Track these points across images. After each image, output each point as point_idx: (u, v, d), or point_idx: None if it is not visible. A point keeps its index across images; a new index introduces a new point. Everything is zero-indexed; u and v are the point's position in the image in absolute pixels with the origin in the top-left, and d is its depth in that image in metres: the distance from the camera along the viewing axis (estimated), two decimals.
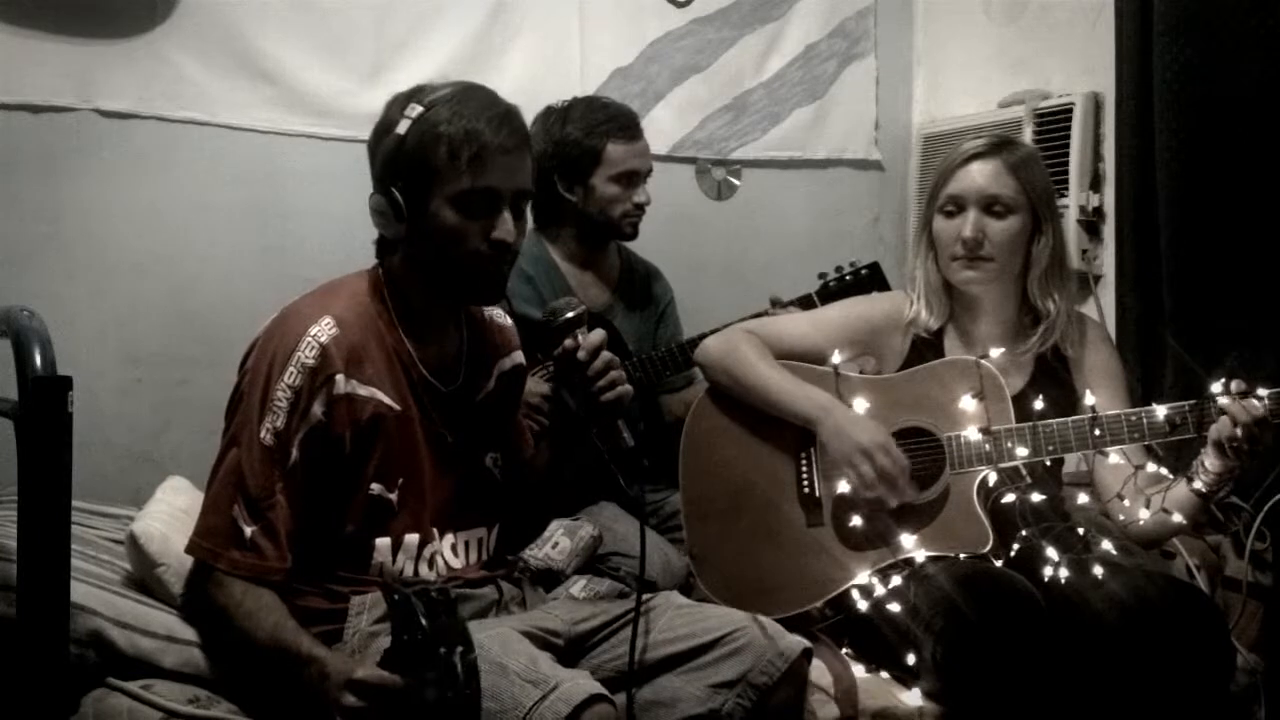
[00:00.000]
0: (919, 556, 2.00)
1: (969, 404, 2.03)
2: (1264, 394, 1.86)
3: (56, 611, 1.35)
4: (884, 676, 2.00)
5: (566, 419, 1.83)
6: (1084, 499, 2.11)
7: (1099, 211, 2.81)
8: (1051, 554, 1.96)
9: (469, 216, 1.69)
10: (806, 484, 2.12)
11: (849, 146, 3.37)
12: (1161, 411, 1.93)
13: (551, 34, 3.00)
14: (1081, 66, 2.86)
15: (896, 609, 1.94)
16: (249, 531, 1.64)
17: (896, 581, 1.99)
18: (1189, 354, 2.35)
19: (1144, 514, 1.99)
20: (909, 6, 3.44)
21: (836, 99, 3.33)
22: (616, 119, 2.58)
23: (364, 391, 1.70)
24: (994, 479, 2.02)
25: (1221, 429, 1.85)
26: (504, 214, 1.70)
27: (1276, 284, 2.33)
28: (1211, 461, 1.89)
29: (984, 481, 2.02)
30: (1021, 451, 1.99)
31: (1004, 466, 2.01)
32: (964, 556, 1.98)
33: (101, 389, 2.59)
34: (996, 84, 3.09)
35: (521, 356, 1.97)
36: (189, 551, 1.68)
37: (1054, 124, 2.85)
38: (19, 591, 1.35)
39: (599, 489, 2.40)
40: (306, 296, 1.77)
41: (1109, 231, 2.79)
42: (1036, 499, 2.01)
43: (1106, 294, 2.78)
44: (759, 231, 3.29)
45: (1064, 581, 1.92)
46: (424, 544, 1.76)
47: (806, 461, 2.13)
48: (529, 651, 1.60)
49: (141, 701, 1.63)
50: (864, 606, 2.01)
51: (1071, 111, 2.81)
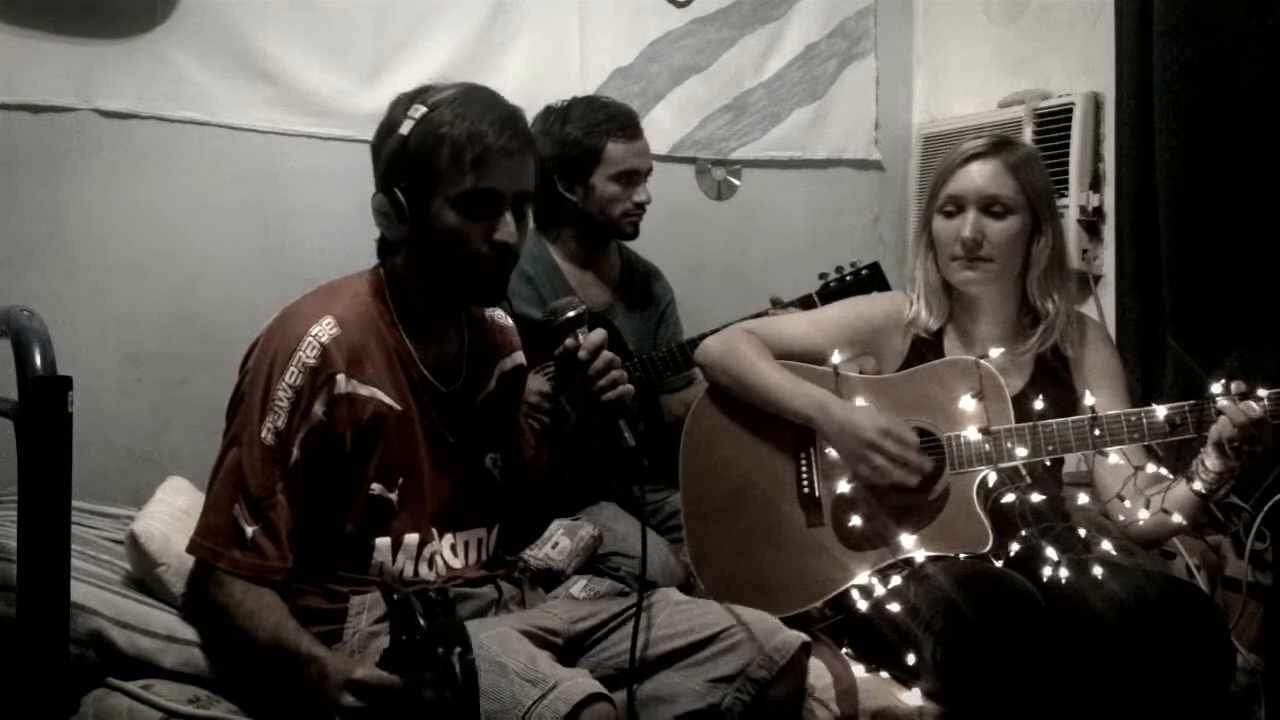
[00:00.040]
0: (919, 556, 2.00)
1: (969, 404, 2.03)
2: (1264, 394, 1.86)
3: (56, 611, 1.35)
4: (884, 676, 2.00)
5: (566, 423, 1.84)
6: (1084, 499, 2.11)
7: (1099, 211, 2.81)
8: (1051, 554, 1.96)
9: (471, 218, 1.69)
10: (806, 484, 2.12)
11: (849, 146, 3.37)
12: (1161, 411, 1.93)
13: (551, 34, 3.00)
14: (1081, 66, 2.86)
15: (896, 609, 1.94)
16: (250, 531, 1.64)
17: (896, 581, 1.99)
18: (1189, 354, 2.35)
19: (1144, 514, 1.99)
20: (909, 6, 3.44)
21: (836, 99, 3.33)
22: (616, 118, 2.58)
23: (365, 391, 1.70)
24: (994, 479, 2.02)
25: (1221, 429, 1.85)
26: (505, 215, 1.70)
27: (1276, 284, 2.33)
28: (1211, 461, 1.89)
29: (984, 481, 2.02)
30: (1021, 451, 1.99)
31: (1004, 466, 2.01)
32: (964, 556, 1.98)
33: (101, 389, 2.59)
34: (996, 84, 3.09)
35: (522, 357, 1.97)
36: (190, 551, 1.68)
37: (1054, 124, 2.85)
38: (19, 591, 1.35)
39: (599, 489, 2.40)
40: (307, 296, 1.77)
41: (1109, 231, 2.78)
42: (1036, 499, 2.01)
43: (1106, 294, 2.78)
44: (759, 231, 3.29)
45: (1064, 581, 1.92)
46: (424, 544, 1.77)
47: (806, 461, 2.13)
48: (528, 650, 1.60)
49: (141, 701, 1.63)
50: (864, 606, 2.01)
51: (1071, 111, 2.81)
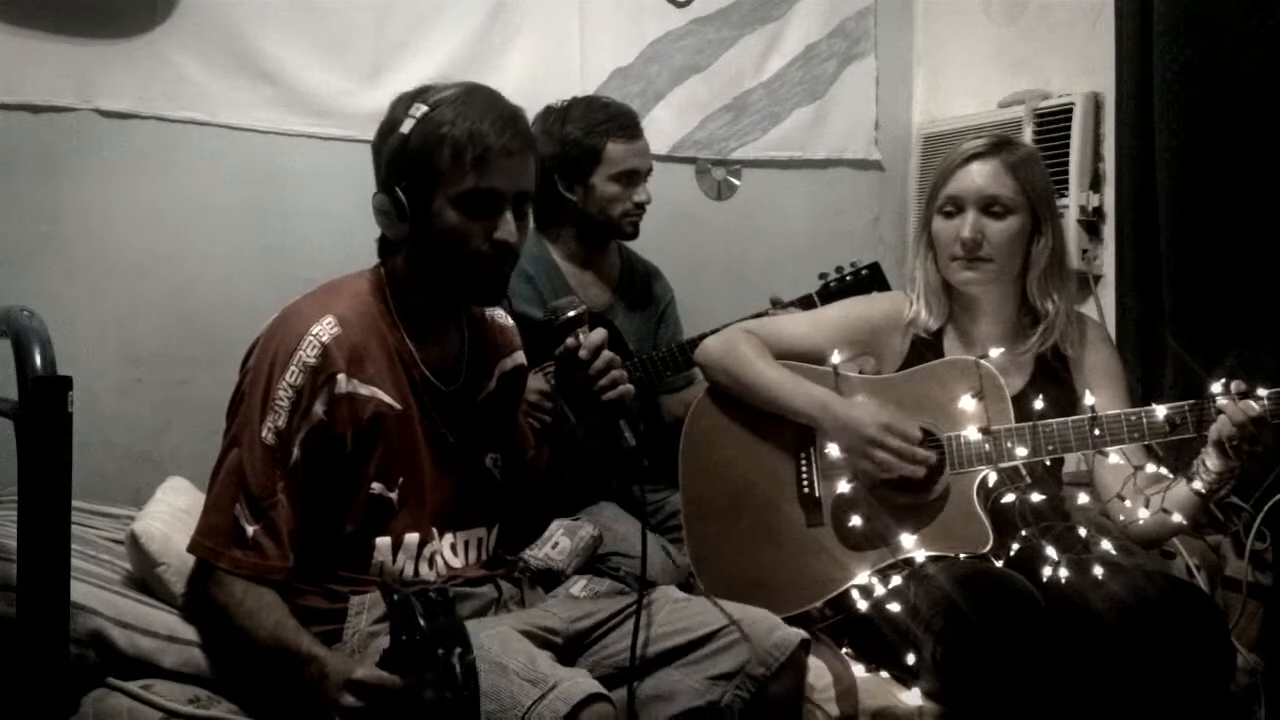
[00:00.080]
0: (919, 556, 2.00)
1: (969, 404, 2.03)
2: (1264, 394, 1.86)
3: (56, 611, 1.35)
4: (884, 676, 2.00)
5: (566, 424, 1.83)
6: (1084, 499, 2.11)
7: (1099, 211, 2.81)
8: (1051, 554, 1.96)
9: (471, 217, 1.69)
10: (806, 484, 2.12)
11: (849, 146, 3.37)
12: (1161, 411, 1.93)
13: (551, 34, 3.00)
14: (1081, 66, 2.86)
15: (896, 609, 1.94)
16: (251, 530, 1.64)
17: (896, 581, 1.99)
18: (1189, 354, 2.35)
19: (1144, 514, 1.99)
20: (909, 6, 3.44)
21: (836, 99, 3.33)
22: (616, 118, 2.58)
23: (365, 391, 1.70)
24: (994, 479, 2.02)
25: (1221, 428, 1.85)
26: (506, 214, 1.70)
27: (1276, 284, 2.33)
28: (1211, 461, 1.89)
29: (984, 481, 2.02)
30: (1021, 451, 1.99)
31: (1004, 466, 2.01)
32: (964, 556, 1.98)
33: (101, 389, 2.59)
34: (996, 84, 3.09)
35: (523, 357, 1.97)
36: (191, 550, 1.68)
37: (1054, 124, 2.85)
38: (19, 591, 1.35)
39: (599, 489, 2.40)
40: (308, 296, 1.77)
41: (1109, 231, 2.78)
42: (1036, 499, 2.01)
43: (1106, 294, 2.78)
44: (759, 231, 3.28)
45: (1064, 581, 1.92)
46: (424, 543, 1.77)
47: (806, 461, 2.13)
48: (528, 650, 1.60)
49: (141, 701, 1.63)
50: (864, 606, 2.01)
51: (1071, 111, 2.81)
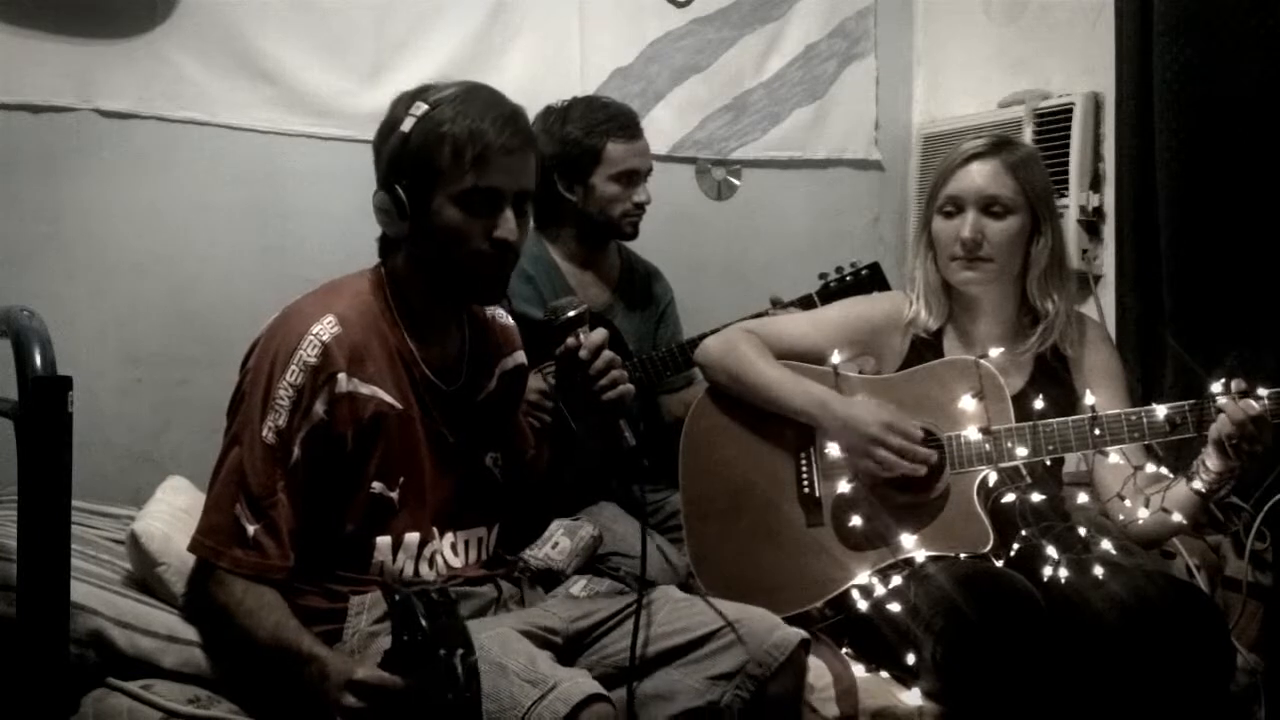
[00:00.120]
0: (919, 556, 2.00)
1: (969, 404, 2.03)
2: (1264, 394, 1.86)
3: (56, 611, 1.35)
4: (884, 676, 2.00)
5: (566, 426, 1.83)
6: (1084, 499, 2.11)
7: (1099, 211, 2.81)
8: (1051, 554, 1.96)
9: (471, 215, 1.69)
10: (806, 484, 2.12)
11: (849, 146, 3.37)
12: (1161, 411, 1.93)
13: (551, 34, 3.00)
14: (1081, 66, 2.86)
15: (896, 609, 1.94)
16: (251, 530, 1.64)
17: (896, 581, 1.99)
18: (1189, 354, 2.35)
19: (1144, 514, 1.99)
20: (909, 6, 3.44)
21: (836, 99, 3.33)
22: (616, 118, 2.58)
23: (366, 390, 1.70)
24: (994, 479, 2.02)
25: (1221, 427, 1.85)
26: (506, 213, 1.70)
27: (1276, 284, 2.33)
28: (1212, 461, 1.89)
29: (984, 481, 2.02)
30: (1021, 451, 1.99)
31: (1004, 466, 2.01)
32: (964, 556, 1.98)
33: (101, 389, 2.59)
34: (996, 84, 3.09)
35: (523, 356, 1.97)
36: (191, 550, 1.68)
37: (1054, 124, 2.85)
38: (19, 591, 1.35)
39: (599, 489, 2.40)
40: (309, 295, 1.77)
41: (1109, 231, 2.78)
42: (1036, 499, 2.01)
43: (1106, 294, 2.78)
44: (759, 231, 3.28)
45: (1064, 581, 1.92)
46: (424, 543, 1.77)
47: (806, 461, 2.13)
48: (528, 651, 1.60)
49: (141, 701, 1.63)
50: (864, 606, 2.01)
51: (1071, 111, 2.81)
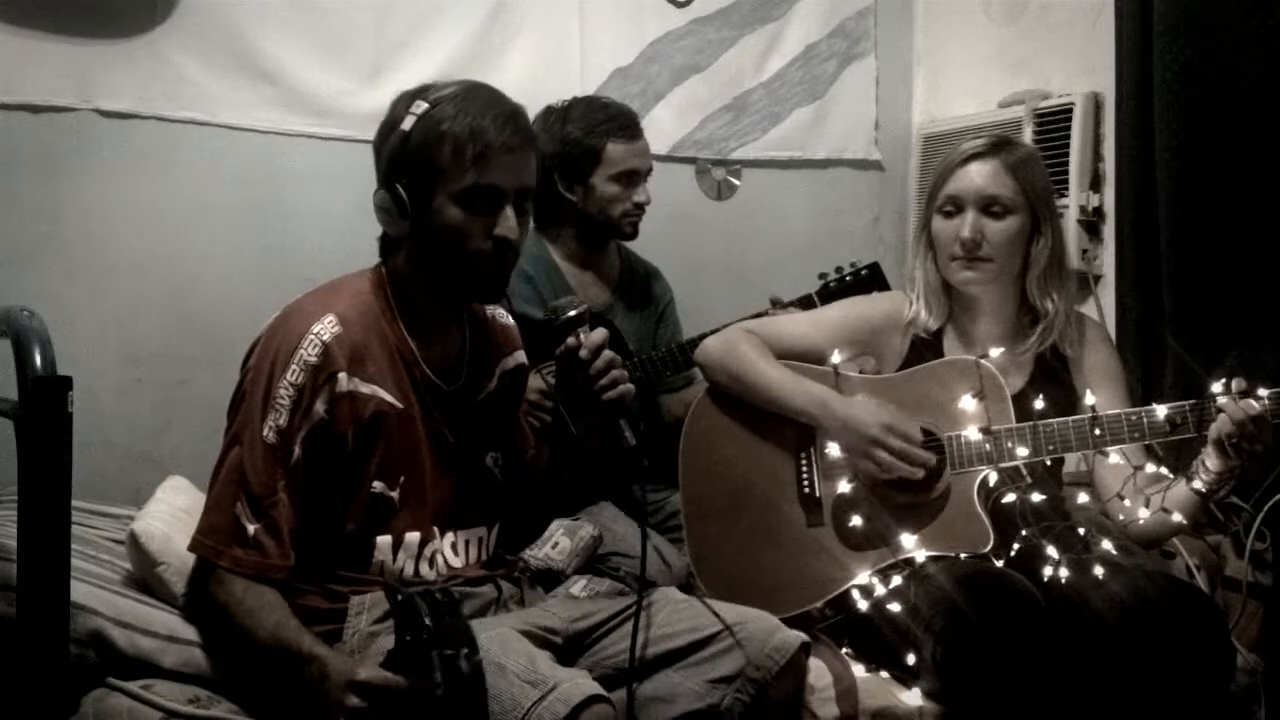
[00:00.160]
0: (919, 556, 2.00)
1: (969, 404, 2.03)
2: (1264, 394, 1.86)
3: (56, 611, 1.35)
4: (884, 676, 2.00)
5: (565, 427, 1.83)
6: (1084, 499, 2.11)
7: (1099, 211, 2.81)
8: (1052, 554, 1.96)
9: (472, 213, 1.69)
10: (806, 484, 2.12)
11: (849, 146, 3.37)
12: (1162, 411, 1.93)
13: (551, 34, 3.00)
14: (1081, 66, 2.86)
15: (897, 609, 1.94)
16: (252, 529, 1.64)
17: (897, 581, 1.99)
18: (1189, 354, 2.35)
19: (1144, 514, 1.99)
20: (909, 6, 3.44)
21: (836, 99, 3.33)
22: (616, 119, 2.58)
23: (366, 389, 1.70)
24: (994, 479, 2.02)
25: (1221, 426, 1.85)
26: (506, 211, 1.70)
27: (1276, 284, 2.33)
28: (1212, 461, 1.89)
29: (984, 481, 2.02)
30: (1022, 451, 1.99)
31: (1004, 466, 2.01)
32: (964, 556, 1.98)
33: (101, 389, 2.59)
34: (996, 84, 3.09)
35: (524, 356, 1.97)
36: (192, 549, 1.68)
37: (1054, 124, 2.85)
38: (19, 591, 1.35)
39: (599, 489, 2.40)
40: (309, 295, 1.77)
41: (1109, 231, 2.78)
42: (1037, 499, 2.01)
43: (1106, 294, 2.78)
44: (759, 231, 3.28)
45: (1064, 581, 1.92)
46: (425, 543, 1.77)
47: (806, 461, 2.13)
48: (528, 651, 1.59)
49: (141, 701, 1.63)
50: (864, 606, 2.01)
51: (1071, 111, 2.81)
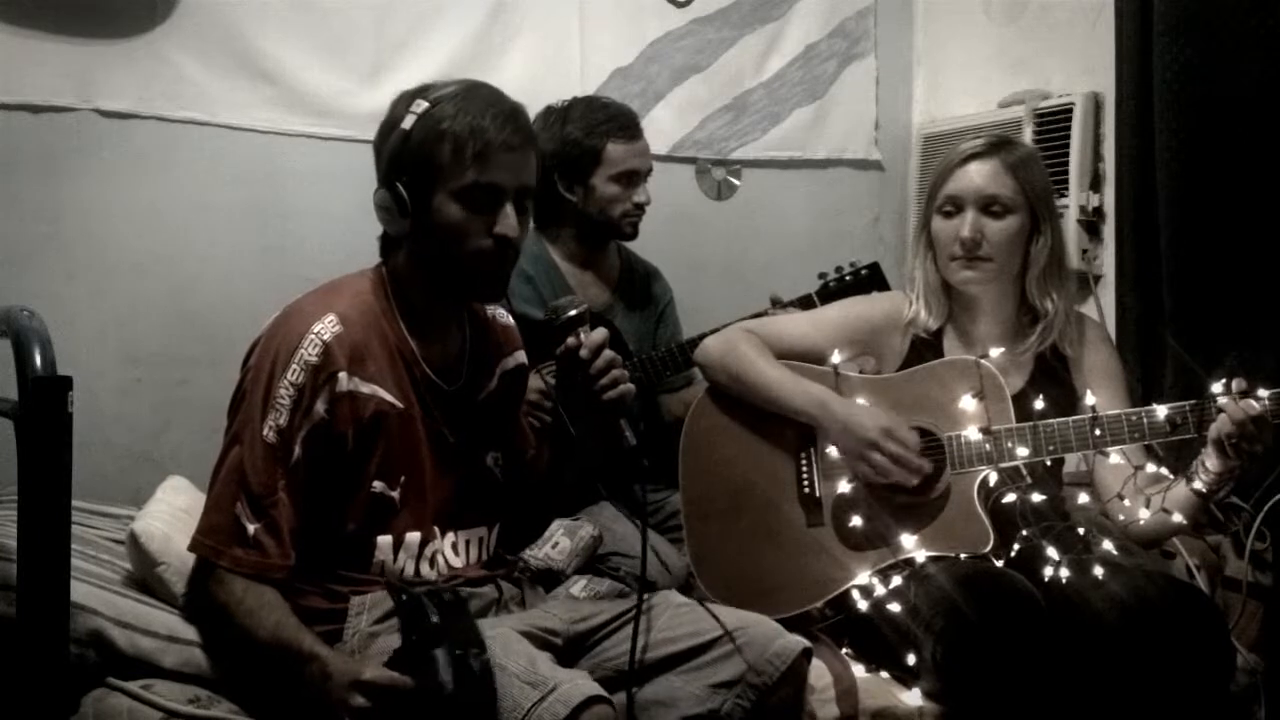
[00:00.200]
0: (919, 556, 2.00)
1: (969, 404, 2.03)
2: (1264, 394, 1.86)
3: (56, 611, 1.35)
4: (884, 676, 2.00)
5: (565, 428, 1.83)
6: (1084, 499, 2.11)
7: (1099, 211, 2.81)
8: (1052, 554, 1.96)
9: (472, 211, 1.69)
10: (807, 484, 2.12)
11: (849, 146, 3.37)
12: (1162, 411, 1.93)
13: (551, 34, 3.00)
14: (1081, 66, 2.86)
15: (897, 609, 1.94)
16: (252, 529, 1.63)
17: (897, 581, 1.99)
18: (1189, 354, 2.35)
19: (1144, 514, 1.99)
20: (909, 6, 3.44)
21: (836, 99, 3.33)
22: (616, 119, 2.58)
23: (366, 389, 1.70)
24: (994, 479, 2.02)
25: (1221, 426, 1.85)
26: (506, 208, 1.70)
27: (1276, 284, 2.33)
28: (1212, 461, 1.89)
29: (984, 481, 2.02)
30: (1022, 451, 1.99)
31: (1004, 466, 2.01)
32: (964, 556, 1.98)
33: (101, 389, 2.59)
34: (996, 84, 3.09)
35: (524, 356, 1.97)
36: (192, 549, 1.68)
37: (1054, 124, 2.85)
38: (19, 591, 1.35)
39: (599, 489, 2.40)
40: (310, 294, 1.77)
41: (1109, 231, 2.78)
42: (1037, 499, 2.01)
43: (1106, 294, 2.78)
44: (759, 231, 3.28)
45: (1064, 581, 1.92)
46: (425, 542, 1.76)
47: (806, 461, 2.13)
48: (528, 652, 1.59)
49: (141, 701, 1.63)
50: (864, 606, 2.01)
51: (1071, 111, 2.81)
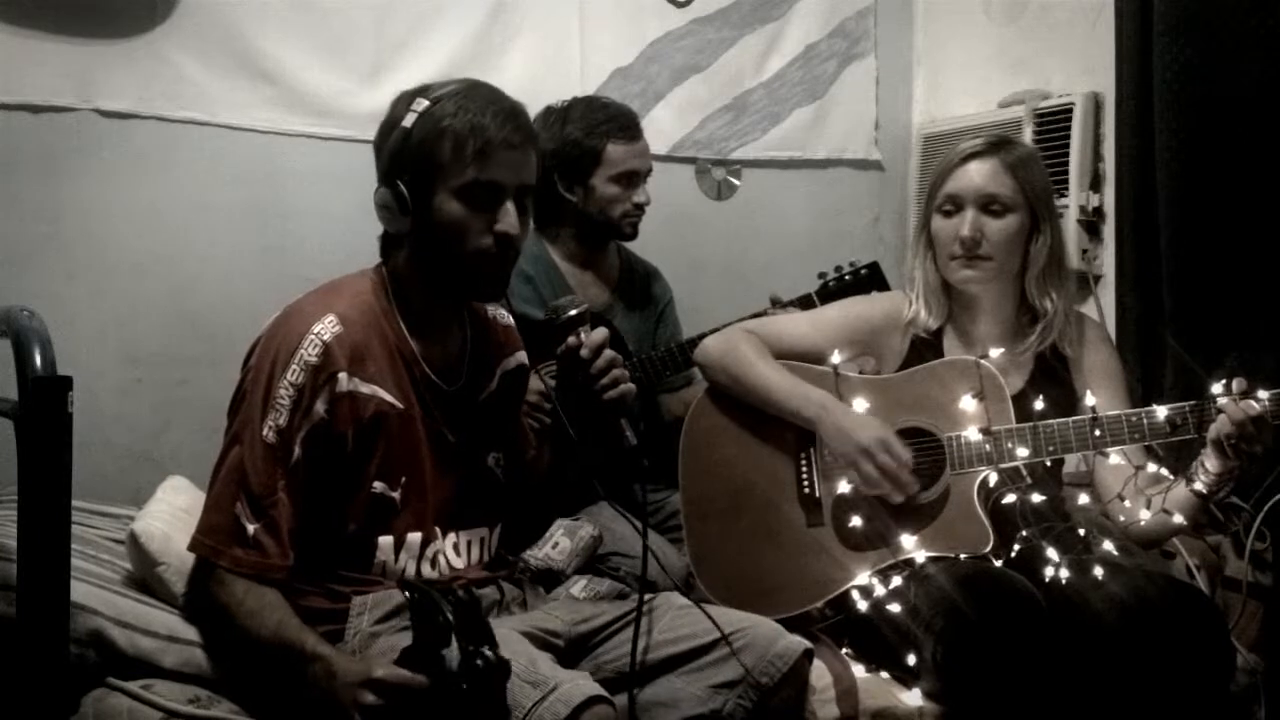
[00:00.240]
0: (919, 557, 2.00)
1: (969, 404, 2.03)
2: (1264, 395, 1.86)
3: (56, 611, 1.35)
4: (884, 676, 2.00)
5: (565, 428, 1.83)
6: (1084, 499, 2.11)
7: (1099, 211, 2.81)
8: (1052, 554, 1.96)
9: (473, 209, 1.69)
10: (806, 484, 2.12)
11: (849, 146, 3.37)
12: (1162, 412, 1.93)
13: (551, 34, 3.00)
14: (1081, 66, 2.86)
15: (896, 609, 1.94)
16: (252, 529, 1.63)
17: (897, 582, 1.99)
18: (1189, 354, 2.35)
19: (1144, 514, 1.99)
20: (909, 6, 3.44)
21: (836, 99, 3.33)
22: (616, 119, 2.58)
23: (366, 389, 1.70)
24: (994, 479, 2.02)
25: (1220, 427, 1.85)
26: (507, 206, 1.70)
27: (1276, 284, 2.33)
28: (1211, 462, 1.89)
29: (984, 482, 2.02)
30: (1022, 452, 1.99)
31: (1004, 467, 2.01)
32: (964, 557, 1.98)
33: (101, 389, 2.59)
34: (996, 84, 3.09)
35: (525, 356, 1.97)
36: (191, 549, 1.68)
37: (1054, 124, 2.85)
38: (19, 591, 1.35)
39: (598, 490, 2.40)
40: (310, 294, 1.77)
41: (1109, 231, 2.78)
42: (1037, 499, 2.01)
43: (1106, 294, 2.78)
44: (759, 231, 3.28)
45: (1064, 582, 1.92)
46: (426, 543, 1.76)
47: (806, 461, 2.13)
48: (529, 652, 1.59)
49: (141, 701, 1.63)
50: (864, 607, 2.01)
51: (1071, 111, 2.81)
